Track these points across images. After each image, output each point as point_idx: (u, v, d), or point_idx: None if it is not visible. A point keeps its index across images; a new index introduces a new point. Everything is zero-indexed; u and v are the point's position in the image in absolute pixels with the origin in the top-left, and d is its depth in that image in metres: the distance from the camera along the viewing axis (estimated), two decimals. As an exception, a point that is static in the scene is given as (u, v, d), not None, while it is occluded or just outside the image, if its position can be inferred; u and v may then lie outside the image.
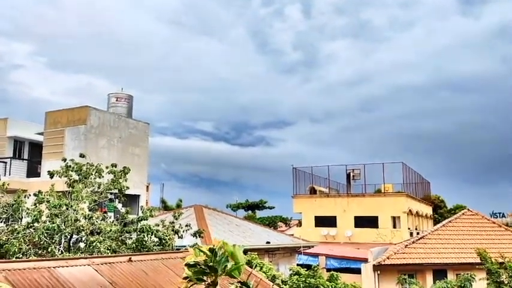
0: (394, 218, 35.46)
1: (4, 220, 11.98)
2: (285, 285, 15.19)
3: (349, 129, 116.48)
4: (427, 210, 43.88)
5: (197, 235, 13.86)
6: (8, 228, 11.32)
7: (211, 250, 1.97)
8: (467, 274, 16.05)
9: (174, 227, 13.33)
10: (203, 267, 1.95)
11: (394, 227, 35.27)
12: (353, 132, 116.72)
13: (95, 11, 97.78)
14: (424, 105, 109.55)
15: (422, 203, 41.86)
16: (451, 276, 19.64)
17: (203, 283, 1.99)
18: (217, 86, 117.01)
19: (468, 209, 27.14)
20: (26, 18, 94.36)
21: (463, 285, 15.64)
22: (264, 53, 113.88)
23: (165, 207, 44.69)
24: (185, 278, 1.97)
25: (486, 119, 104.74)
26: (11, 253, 10.18)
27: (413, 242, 24.01)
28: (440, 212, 48.92)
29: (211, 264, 1.94)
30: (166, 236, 12.56)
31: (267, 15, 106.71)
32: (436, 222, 39.89)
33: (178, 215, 14.44)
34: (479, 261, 16.38)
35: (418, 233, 32.14)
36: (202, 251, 1.98)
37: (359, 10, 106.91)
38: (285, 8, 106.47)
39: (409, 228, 35.29)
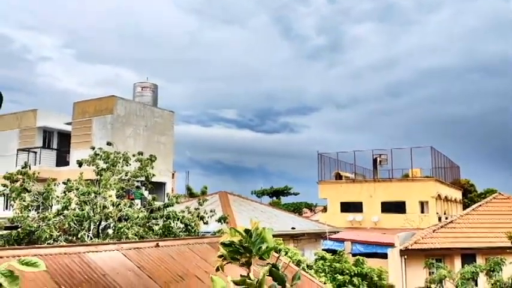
0: (422, 203, 34.86)
1: (35, 208, 12.29)
2: (310, 269, 15.19)
3: (375, 114, 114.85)
4: (457, 194, 43.02)
5: (222, 221, 13.94)
6: (39, 216, 11.61)
7: (247, 231, 2.00)
8: (497, 258, 15.70)
9: (199, 213, 13.44)
10: (238, 246, 1.98)
11: (422, 212, 34.70)
12: (379, 117, 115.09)
13: (118, 3, 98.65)
14: (452, 89, 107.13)
15: (451, 188, 41.02)
16: (480, 261, 19.26)
17: (237, 262, 2.01)
18: (241, 73, 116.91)
19: (499, 193, 26.50)
20: (52, 12, 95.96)
21: (492, 269, 15.31)
22: (288, 39, 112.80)
23: (191, 194, 45.14)
24: (220, 257, 2.00)
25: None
26: (42, 239, 10.45)
27: (441, 227, 23.64)
28: (470, 197, 47.88)
29: (246, 244, 1.97)
30: (191, 222, 12.68)
31: (290, 0, 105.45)
32: (465, 206, 39.05)
33: (203, 202, 14.55)
34: (511, 245, 15.99)
35: (446, 218, 31.56)
36: (238, 232, 2.01)
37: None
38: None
39: (437, 213, 34.67)
